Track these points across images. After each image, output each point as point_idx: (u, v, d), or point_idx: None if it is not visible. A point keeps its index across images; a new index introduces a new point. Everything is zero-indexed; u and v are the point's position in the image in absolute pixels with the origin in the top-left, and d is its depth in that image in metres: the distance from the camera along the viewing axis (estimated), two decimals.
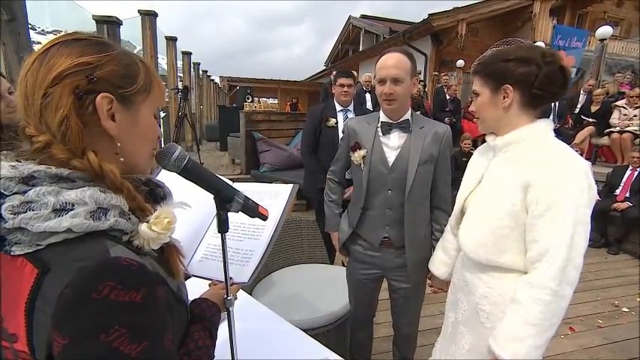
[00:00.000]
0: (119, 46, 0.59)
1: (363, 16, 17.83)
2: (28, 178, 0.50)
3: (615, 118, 5.78)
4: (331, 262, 2.36)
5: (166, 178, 0.72)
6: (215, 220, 0.76)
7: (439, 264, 1.44)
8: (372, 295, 1.74)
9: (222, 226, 0.74)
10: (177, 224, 0.62)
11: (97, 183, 0.54)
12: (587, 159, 5.10)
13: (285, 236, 2.27)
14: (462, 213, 1.24)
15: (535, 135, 1.07)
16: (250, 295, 1.52)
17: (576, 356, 2.39)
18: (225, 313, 0.81)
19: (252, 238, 0.92)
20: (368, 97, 6.04)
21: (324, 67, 22.61)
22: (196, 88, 12.01)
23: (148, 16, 6.17)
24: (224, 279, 0.78)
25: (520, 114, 1.08)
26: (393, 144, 1.49)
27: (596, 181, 0.99)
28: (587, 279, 3.53)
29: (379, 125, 1.51)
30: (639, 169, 4.53)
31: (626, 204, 4.39)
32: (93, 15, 4.97)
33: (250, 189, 0.95)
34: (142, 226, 0.56)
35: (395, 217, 1.51)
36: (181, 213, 0.64)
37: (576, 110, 6.53)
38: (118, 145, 0.58)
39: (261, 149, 6.00)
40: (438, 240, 1.49)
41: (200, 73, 12.72)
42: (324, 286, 1.98)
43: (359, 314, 1.79)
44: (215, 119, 13.52)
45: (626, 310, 3.00)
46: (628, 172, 4.58)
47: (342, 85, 2.65)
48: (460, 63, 9.83)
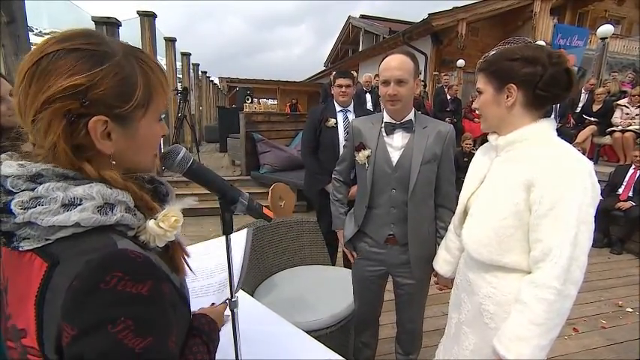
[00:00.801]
0: (117, 51, 0.55)
1: (362, 16, 17.76)
2: (35, 176, 0.51)
3: (617, 117, 5.77)
4: (333, 264, 2.35)
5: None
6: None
7: (442, 263, 1.45)
8: (378, 293, 1.75)
9: (227, 228, 0.76)
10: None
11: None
12: (589, 158, 5.02)
13: (287, 238, 2.26)
14: (465, 213, 1.23)
15: (538, 134, 1.06)
16: (252, 297, 1.52)
17: (580, 357, 2.37)
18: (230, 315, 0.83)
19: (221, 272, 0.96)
20: (368, 97, 6.03)
21: (323, 68, 22.61)
22: (196, 89, 11.99)
23: (146, 17, 6.16)
24: (228, 282, 0.79)
25: (523, 114, 1.07)
26: (396, 144, 1.52)
27: (599, 181, 0.99)
28: (590, 279, 3.48)
29: (383, 126, 1.53)
30: None
31: (629, 203, 4.35)
32: (92, 16, 4.98)
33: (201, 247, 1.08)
34: (150, 223, 0.57)
35: (399, 215, 1.53)
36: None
37: (577, 109, 6.49)
38: (113, 163, 0.57)
39: (261, 150, 5.99)
40: (442, 237, 1.50)
41: (199, 74, 12.69)
42: (325, 288, 1.98)
43: (364, 313, 1.79)
44: (215, 120, 13.54)
45: (630, 311, 2.97)
46: (630, 171, 4.56)
47: (341, 86, 2.64)
48: (460, 63, 9.75)
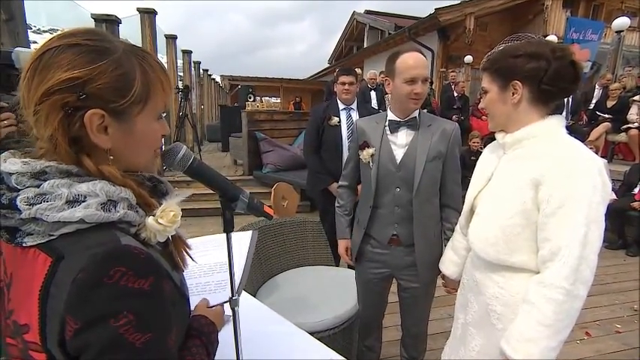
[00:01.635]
0: (118, 48, 0.56)
1: (367, 12, 17.41)
2: (40, 173, 0.53)
3: (633, 113, 5.51)
4: (337, 264, 2.34)
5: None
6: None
7: (449, 263, 1.42)
8: (382, 296, 1.73)
9: (228, 226, 0.76)
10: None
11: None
12: (602, 157, 4.68)
13: (290, 237, 2.25)
14: (472, 212, 1.22)
15: (546, 131, 1.05)
16: (254, 297, 1.51)
17: None
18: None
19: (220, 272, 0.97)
20: (373, 95, 5.99)
21: (327, 65, 22.40)
22: (197, 87, 11.97)
23: (147, 15, 6.13)
24: (228, 282, 0.80)
25: (530, 110, 1.06)
26: (400, 142, 1.50)
27: (613, 180, 0.97)
28: (604, 282, 3.37)
29: (387, 124, 1.52)
30: None
31: None
32: (92, 13, 4.97)
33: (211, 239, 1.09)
34: (149, 219, 0.58)
35: (403, 215, 1.51)
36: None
37: (591, 106, 6.28)
38: (110, 158, 0.58)
39: (264, 149, 5.94)
40: (449, 239, 1.48)
41: (201, 72, 12.65)
42: (329, 289, 1.96)
43: (368, 316, 1.77)
44: (216, 119, 13.51)
45: None
46: None
47: (344, 83, 2.61)
48: (468, 59, 9.44)
